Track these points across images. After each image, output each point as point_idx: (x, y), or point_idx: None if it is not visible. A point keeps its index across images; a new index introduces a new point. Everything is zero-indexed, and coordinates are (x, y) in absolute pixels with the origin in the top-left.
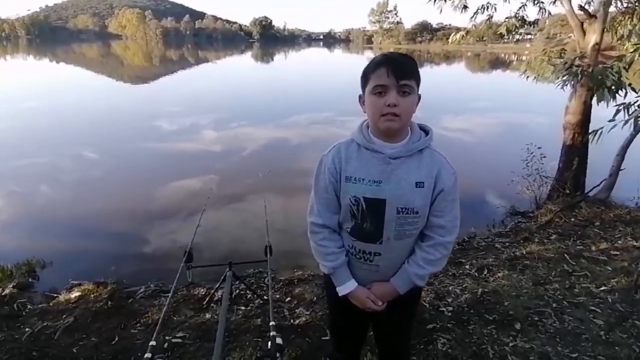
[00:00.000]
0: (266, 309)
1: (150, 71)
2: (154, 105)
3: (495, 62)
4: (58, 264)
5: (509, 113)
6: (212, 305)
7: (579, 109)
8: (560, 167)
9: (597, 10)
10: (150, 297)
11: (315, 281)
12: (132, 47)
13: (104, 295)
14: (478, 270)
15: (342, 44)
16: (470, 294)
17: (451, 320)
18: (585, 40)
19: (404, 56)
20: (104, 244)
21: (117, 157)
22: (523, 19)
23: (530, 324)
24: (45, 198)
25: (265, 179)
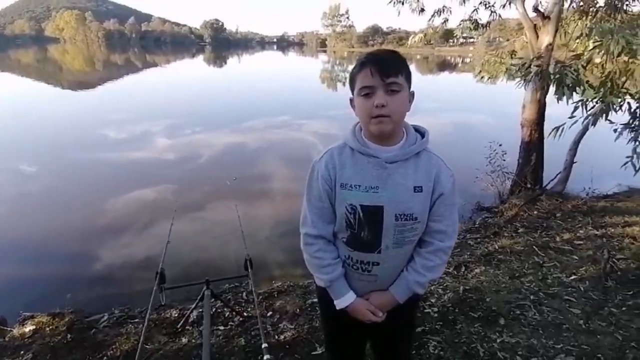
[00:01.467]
0: (247, 327)
1: (92, 76)
2: (99, 113)
3: (443, 64)
4: (3, 293)
5: (461, 113)
6: (187, 327)
7: (535, 107)
8: (519, 162)
9: (551, 12)
10: (115, 326)
11: (295, 292)
12: (72, 51)
13: (61, 328)
14: (456, 268)
15: (296, 48)
16: (453, 292)
17: (438, 321)
18: (539, 41)
19: (389, 52)
20: (55, 268)
21: (60, 170)
22: (477, 22)
23: (513, 318)
24: None
25: (233, 187)
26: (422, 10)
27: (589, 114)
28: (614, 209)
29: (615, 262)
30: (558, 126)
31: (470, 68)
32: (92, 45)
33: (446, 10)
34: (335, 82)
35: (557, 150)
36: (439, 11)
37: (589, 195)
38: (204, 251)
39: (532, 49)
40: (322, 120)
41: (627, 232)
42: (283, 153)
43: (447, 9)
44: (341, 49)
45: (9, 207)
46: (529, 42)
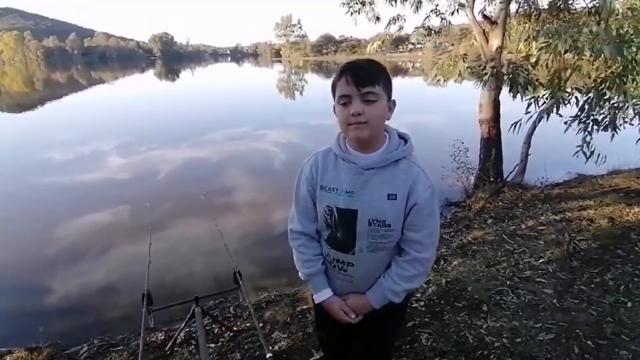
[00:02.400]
0: (239, 342)
1: (32, 97)
2: (42, 134)
3: (395, 69)
4: None
5: (418, 114)
6: (176, 349)
7: (490, 106)
8: (481, 158)
9: (498, 17)
10: (97, 356)
11: (283, 301)
12: (9, 72)
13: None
14: (436, 262)
15: (251, 58)
16: (436, 285)
17: (427, 314)
18: (489, 44)
19: (366, 62)
20: (21, 301)
21: (9, 196)
22: (429, 28)
23: (495, 303)
24: None
25: (205, 202)
26: (377, 19)
27: (541, 109)
28: (568, 195)
29: (577, 244)
30: (515, 122)
31: (421, 72)
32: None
33: (401, 18)
34: (292, 91)
35: (512, 145)
36: (394, 19)
37: (544, 184)
38: (185, 268)
39: (483, 52)
40: (282, 129)
41: (584, 215)
42: (247, 164)
43: (401, 17)
44: (296, 59)
45: None
46: (480, 45)
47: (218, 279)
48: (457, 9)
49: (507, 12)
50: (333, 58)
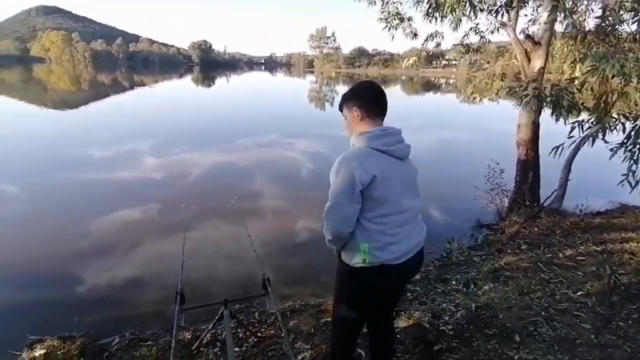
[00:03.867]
0: (263, 348)
1: (78, 96)
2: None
3: (428, 85)
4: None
5: (452, 131)
6: (202, 349)
7: (530, 127)
8: (517, 180)
9: (541, 38)
10: (128, 349)
11: (308, 311)
12: (57, 70)
13: (73, 352)
14: (465, 285)
15: (284, 68)
16: (465, 309)
17: (455, 339)
18: (531, 65)
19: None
20: (58, 291)
21: (49, 191)
22: (468, 46)
23: (528, 334)
24: None
25: (236, 206)
26: (415, 35)
27: (586, 134)
28: (610, 225)
29: (618, 277)
30: (557, 146)
31: (454, 88)
32: (79, 65)
33: (439, 35)
34: (323, 101)
35: (551, 168)
36: (432, 36)
37: (584, 212)
38: (213, 270)
39: (524, 72)
40: (310, 138)
41: (626, 248)
42: (275, 172)
43: (439, 34)
44: (328, 70)
45: (6, 229)
46: (521, 65)
47: (245, 284)
48: (497, 27)
49: (551, 32)
50: (365, 71)
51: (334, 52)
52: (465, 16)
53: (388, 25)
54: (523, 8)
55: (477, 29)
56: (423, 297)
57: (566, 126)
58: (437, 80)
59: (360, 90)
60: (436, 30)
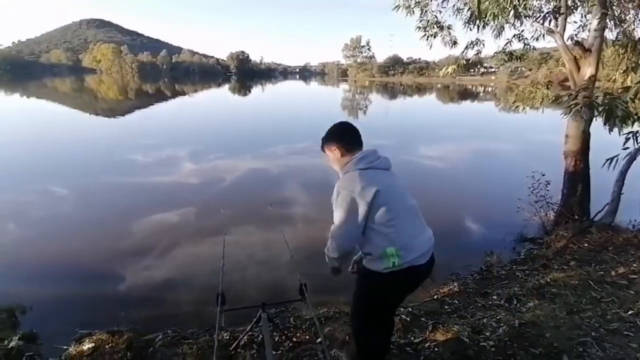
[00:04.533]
0: (298, 353)
1: (125, 104)
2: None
3: (465, 93)
4: (54, 313)
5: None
6: (239, 350)
7: (579, 138)
8: (564, 193)
9: (592, 45)
10: (171, 345)
11: (342, 319)
12: (107, 81)
13: (121, 346)
14: (507, 301)
15: (318, 77)
16: (507, 326)
17: (497, 356)
18: (580, 72)
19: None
20: (103, 289)
21: (95, 194)
22: (511, 54)
23: (577, 355)
24: (14, 238)
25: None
26: (454, 43)
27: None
28: None
29: None
30: (612, 157)
31: (492, 97)
32: (127, 76)
33: (480, 42)
34: (355, 110)
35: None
36: (472, 44)
37: (637, 228)
38: (251, 274)
39: (573, 80)
40: None
41: None
42: (307, 179)
43: (480, 42)
44: (362, 79)
45: (56, 228)
46: (569, 73)
47: (279, 288)
48: (543, 34)
49: (602, 40)
50: (399, 79)
51: (368, 60)
52: (509, 23)
53: (426, 34)
54: (571, 14)
55: (520, 36)
56: (462, 311)
57: (620, 137)
58: (474, 89)
59: (335, 131)
60: (477, 38)
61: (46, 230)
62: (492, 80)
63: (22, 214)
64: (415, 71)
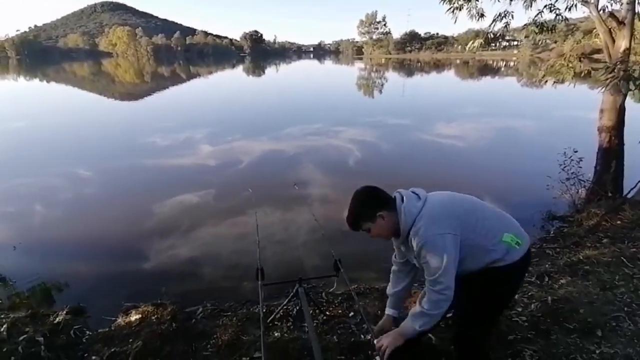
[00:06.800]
0: (332, 326)
1: (141, 88)
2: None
3: (485, 69)
4: (98, 288)
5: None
6: (276, 323)
7: (614, 112)
8: (597, 169)
9: (625, 17)
10: (211, 317)
11: (373, 295)
12: (123, 64)
13: (166, 317)
14: (538, 278)
15: (332, 56)
16: (540, 302)
17: (530, 330)
18: (615, 45)
19: (348, 219)
20: (143, 264)
21: (124, 175)
22: (542, 25)
23: (610, 329)
24: (54, 219)
25: (297, 192)
26: (481, 15)
27: None
28: None
29: None
30: None
31: (514, 72)
32: (142, 58)
33: (508, 14)
34: (371, 88)
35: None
36: (500, 16)
37: None
38: (283, 251)
39: (608, 53)
40: (359, 127)
41: None
42: (326, 159)
43: (509, 13)
44: (378, 56)
45: (75, 208)
46: (605, 45)
47: (312, 265)
48: (575, 4)
49: (634, 13)
50: (417, 56)
51: (384, 37)
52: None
53: (452, 7)
54: None
55: (552, 6)
56: None
57: None
58: (495, 64)
59: (366, 200)
60: (505, 10)
61: (78, 211)
62: (514, 54)
63: (52, 196)
64: (433, 47)
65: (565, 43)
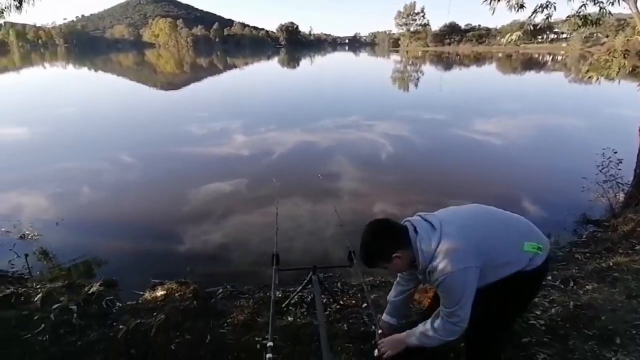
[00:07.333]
0: (345, 315)
1: (181, 78)
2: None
3: (530, 63)
4: (130, 264)
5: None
6: (290, 307)
7: None
8: (637, 172)
9: None
10: (230, 298)
11: (387, 288)
12: (164, 55)
13: (188, 295)
14: (563, 282)
15: (368, 48)
16: (562, 307)
17: (547, 334)
18: None
19: (362, 254)
20: (171, 245)
21: (161, 161)
22: (586, 18)
23: (630, 337)
24: (95, 199)
25: (321, 182)
26: (521, 6)
27: None
28: None
29: None
30: None
31: (562, 67)
32: (182, 49)
33: (550, 5)
34: (406, 82)
35: None
36: (541, 7)
37: None
38: (302, 239)
39: None
40: (392, 121)
41: None
42: (356, 153)
43: (551, 5)
44: (415, 49)
45: (114, 191)
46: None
47: (329, 255)
48: None
49: None
50: (455, 49)
51: (422, 29)
52: None
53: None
54: None
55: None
56: None
57: None
58: (541, 57)
59: (380, 241)
60: (547, 1)
61: (118, 193)
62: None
63: (95, 178)
64: (474, 39)
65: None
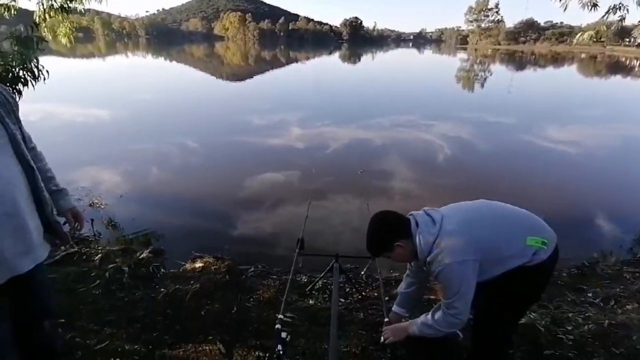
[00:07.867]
0: (365, 305)
1: (246, 70)
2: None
3: (616, 67)
4: (178, 237)
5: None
6: (314, 292)
7: None
8: None
9: None
10: (259, 277)
11: None
12: (232, 47)
13: (222, 269)
14: (603, 300)
15: (433, 45)
16: (595, 324)
17: (573, 349)
18: None
19: (367, 244)
20: (215, 224)
21: (218, 148)
22: None
23: None
24: (158, 177)
25: (360, 178)
26: (594, 5)
27: None
28: None
29: None
30: None
31: None
32: (248, 43)
33: (623, 7)
34: (472, 82)
35: None
36: (614, 8)
37: None
38: (332, 229)
39: None
40: (453, 122)
41: None
42: (407, 153)
43: (624, 7)
44: (484, 46)
45: (179, 173)
46: None
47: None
48: None
49: None
50: (531, 47)
51: (494, 26)
52: None
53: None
54: None
55: None
56: (545, 301)
57: None
58: (628, 62)
59: (382, 231)
60: (620, 2)
61: (179, 174)
62: None
63: (162, 160)
64: (553, 37)
65: None
